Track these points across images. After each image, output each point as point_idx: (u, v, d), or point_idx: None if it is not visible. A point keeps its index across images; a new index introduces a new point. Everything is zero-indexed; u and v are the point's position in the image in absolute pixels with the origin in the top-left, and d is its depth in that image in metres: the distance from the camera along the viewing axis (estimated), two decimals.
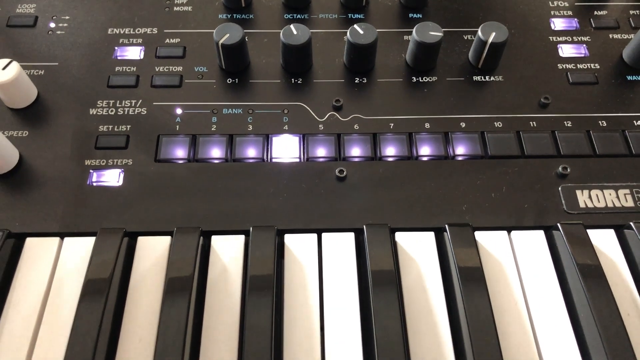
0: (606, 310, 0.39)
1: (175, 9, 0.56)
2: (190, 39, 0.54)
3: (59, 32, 0.54)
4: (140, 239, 0.43)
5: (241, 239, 0.43)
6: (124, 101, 0.49)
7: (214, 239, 0.43)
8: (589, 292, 0.39)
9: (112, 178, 0.45)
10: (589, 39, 0.55)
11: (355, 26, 0.50)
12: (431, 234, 0.44)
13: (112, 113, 0.49)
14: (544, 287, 0.41)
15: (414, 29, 0.50)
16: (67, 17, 0.55)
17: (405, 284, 0.41)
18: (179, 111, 0.49)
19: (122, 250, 0.41)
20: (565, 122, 0.50)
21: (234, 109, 0.50)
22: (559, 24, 0.57)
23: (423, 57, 0.51)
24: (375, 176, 0.46)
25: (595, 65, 0.53)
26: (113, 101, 0.49)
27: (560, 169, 0.47)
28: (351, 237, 0.43)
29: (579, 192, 0.46)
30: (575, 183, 0.46)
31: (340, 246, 0.43)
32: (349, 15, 0.57)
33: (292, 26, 0.49)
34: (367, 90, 0.51)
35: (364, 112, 0.50)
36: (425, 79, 0.52)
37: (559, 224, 0.43)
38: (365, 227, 0.42)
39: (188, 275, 0.39)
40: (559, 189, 0.46)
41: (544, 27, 0.56)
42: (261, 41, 0.54)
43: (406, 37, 0.55)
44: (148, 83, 0.51)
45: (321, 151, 0.47)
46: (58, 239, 0.43)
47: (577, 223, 0.43)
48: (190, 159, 0.47)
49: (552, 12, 0.57)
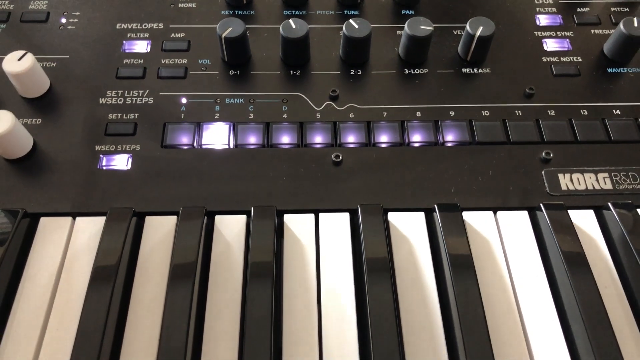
0: (584, 283, 0.41)
1: (180, 5, 0.59)
2: (195, 33, 0.57)
3: (70, 27, 0.56)
4: (148, 218, 0.45)
5: (243, 218, 0.45)
6: (132, 91, 0.52)
7: (218, 218, 0.45)
8: (569, 267, 0.42)
9: (121, 162, 0.48)
10: (572, 34, 0.58)
11: (350, 21, 0.52)
12: (421, 214, 0.46)
13: (121, 102, 0.51)
14: (527, 263, 0.44)
15: (406, 23, 0.52)
16: (77, 13, 0.58)
17: (397, 261, 0.44)
18: (183, 100, 0.52)
19: (130, 228, 0.43)
20: (549, 111, 0.52)
21: (235, 99, 0.52)
22: (543, 19, 0.59)
23: (415, 50, 0.54)
24: (370, 161, 0.49)
25: (578, 58, 0.56)
26: (122, 91, 0.52)
27: (544, 154, 0.49)
28: (346, 217, 0.46)
29: (561, 176, 0.48)
30: (557, 167, 0.49)
31: (336, 225, 0.45)
32: (345, 11, 0.59)
33: (291, 20, 0.52)
34: (362, 82, 0.54)
35: (359, 102, 0.52)
36: (417, 71, 0.55)
37: (541, 204, 0.45)
38: (359, 207, 0.45)
39: (193, 251, 0.41)
40: (542, 172, 0.48)
41: (530, 22, 0.59)
42: (261, 35, 0.57)
43: (399, 32, 0.57)
44: (155, 74, 0.53)
45: (318, 138, 0.50)
46: (70, 218, 0.45)
47: (558, 203, 0.46)
48: (194, 145, 0.49)
49: (537, 9, 0.60)
